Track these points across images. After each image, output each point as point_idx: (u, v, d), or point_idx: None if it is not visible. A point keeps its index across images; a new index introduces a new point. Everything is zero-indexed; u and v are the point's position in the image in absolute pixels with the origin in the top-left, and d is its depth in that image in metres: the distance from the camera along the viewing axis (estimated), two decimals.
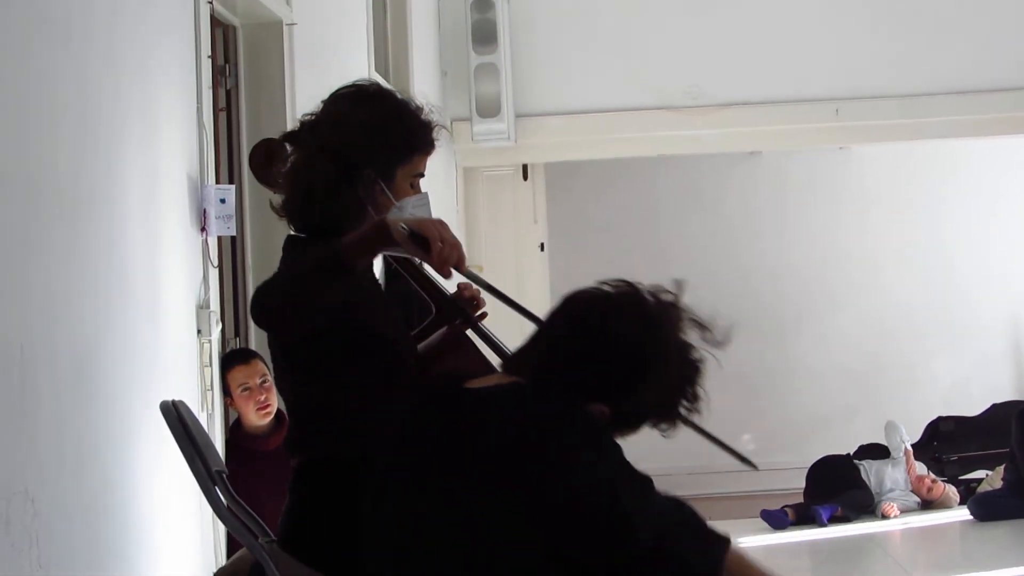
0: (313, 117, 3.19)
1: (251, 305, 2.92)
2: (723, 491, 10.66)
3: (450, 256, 2.74)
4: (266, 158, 3.27)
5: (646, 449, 2.72)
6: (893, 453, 9.66)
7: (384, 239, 2.76)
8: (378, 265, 3.31)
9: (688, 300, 2.63)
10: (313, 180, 3.08)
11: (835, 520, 9.20)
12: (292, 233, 3.23)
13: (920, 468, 9.68)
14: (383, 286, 3.60)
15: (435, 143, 3.22)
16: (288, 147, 3.19)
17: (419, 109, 3.20)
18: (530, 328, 2.70)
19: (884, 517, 9.13)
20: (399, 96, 3.23)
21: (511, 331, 3.52)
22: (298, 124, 3.21)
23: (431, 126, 3.20)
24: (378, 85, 3.27)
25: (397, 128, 3.14)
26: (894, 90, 9.62)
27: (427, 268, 3.36)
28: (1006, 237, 11.44)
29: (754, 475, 10.79)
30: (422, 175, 3.22)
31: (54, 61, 3.82)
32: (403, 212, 3.09)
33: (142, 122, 4.46)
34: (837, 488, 9.36)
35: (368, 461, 2.94)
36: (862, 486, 9.44)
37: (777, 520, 9.17)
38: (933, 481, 9.48)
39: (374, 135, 3.10)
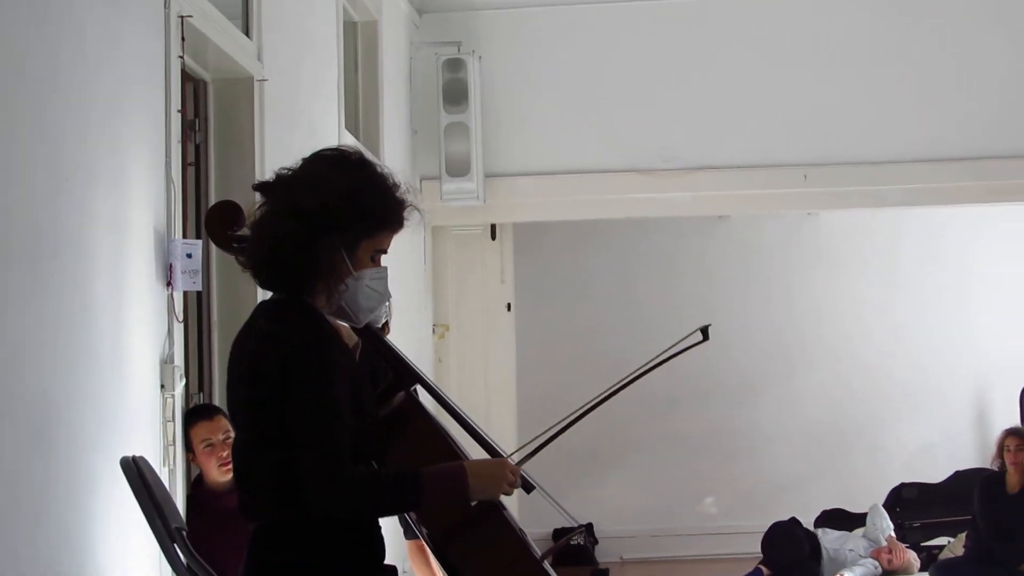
0: (290, 173, 3.18)
1: (312, 501, 2.96)
2: (688, 554, 10.64)
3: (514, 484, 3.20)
4: (220, 222, 3.28)
5: (612, 511, 2.70)
6: (867, 534, 9.65)
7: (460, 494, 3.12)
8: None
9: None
10: (281, 237, 3.07)
11: None
12: (266, 300, 3.21)
13: (893, 542, 9.63)
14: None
15: (405, 222, 3.23)
16: (258, 198, 3.18)
17: (396, 186, 3.19)
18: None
19: None
20: (380, 169, 3.21)
21: (477, 404, 3.57)
22: (274, 176, 3.20)
23: (404, 205, 3.20)
24: (361, 154, 3.25)
25: (371, 201, 3.13)
26: (861, 157, 9.68)
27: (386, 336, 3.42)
28: (972, 303, 11.49)
29: (720, 538, 10.83)
30: (385, 251, 3.23)
31: (19, 110, 3.81)
32: (360, 284, 3.13)
33: (110, 175, 4.45)
34: (787, 556, 9.40)
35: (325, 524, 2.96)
36: (816, 554, 9.47)
37: None
38: (891, 552, 9.46)
39: (347, 204, 3.09)
